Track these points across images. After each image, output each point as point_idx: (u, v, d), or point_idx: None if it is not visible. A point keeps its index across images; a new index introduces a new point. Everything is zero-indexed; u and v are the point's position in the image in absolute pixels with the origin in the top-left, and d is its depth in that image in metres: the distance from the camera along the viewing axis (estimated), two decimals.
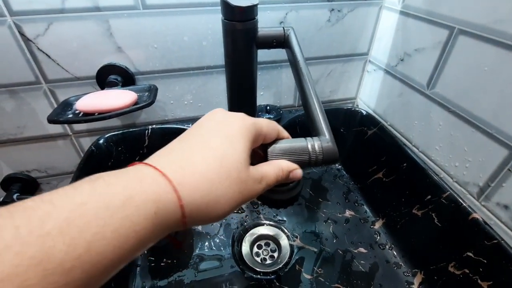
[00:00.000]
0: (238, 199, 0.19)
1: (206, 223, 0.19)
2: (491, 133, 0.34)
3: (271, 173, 0.22)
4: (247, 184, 0.20)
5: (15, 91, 0.42)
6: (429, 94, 0.42)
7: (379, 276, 0.42)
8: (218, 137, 0.20)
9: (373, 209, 0.50)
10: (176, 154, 0.19)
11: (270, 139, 0.24)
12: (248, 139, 0.20)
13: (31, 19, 0.37)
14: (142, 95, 0.40)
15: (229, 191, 0.18)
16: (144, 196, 0.15)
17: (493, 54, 0.32)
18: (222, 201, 0.18)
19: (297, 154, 0.24)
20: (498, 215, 0.35)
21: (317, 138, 0.24)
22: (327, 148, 0.23)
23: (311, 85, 0.29)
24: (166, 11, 0.40)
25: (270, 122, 0.24)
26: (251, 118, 0.22)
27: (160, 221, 0.16)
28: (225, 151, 0.19)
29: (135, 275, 0.41)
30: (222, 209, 0.18)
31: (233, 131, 0.20)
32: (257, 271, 0.42)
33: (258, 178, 0.20)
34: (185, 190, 0.17)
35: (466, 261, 0.35)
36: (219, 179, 0.18)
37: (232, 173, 0.19)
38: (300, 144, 0.24)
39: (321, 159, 0.24)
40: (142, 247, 0.15)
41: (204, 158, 0.19)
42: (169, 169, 0.17)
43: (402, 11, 0.45)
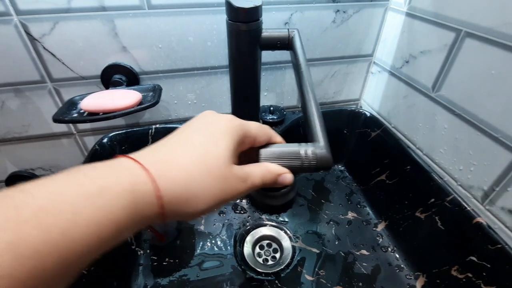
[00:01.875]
0: (219, 195, 0.19)
1: (187, 219, 0.19)
2: (497, 137, 0.34)
3: (256, 173, 0.22)
4: (230, 182, 0.20)
5: (20, 89, 0.42)
6: (434, 96, 0.42)
7: (381, 278, 0.41)
8: (202, 135, 0.20)
9: (376, 211, 0.50)
10: (159, 150, 0.19)
11: (260, 143, 0.24)
12: (233, 139, 0.21)
13: (37, 18, 0.37)
14: (147, 95, 0.40)
15: (210, 187, 0.19)
16: (121, 187, 0.16)
17: (500, 58, 0.32)
18: (201, 196, 0.18)
19: (289, 159, 0.24)
20: (502, 219, 0.35)
21: (312, 144, 0.24)
22: (321, 155, 0.23)
23: (311, 89, 0.29)
24: (171, 11, 0.40)
25: (260, 126, 0.24)
26: (239, 120, 0.23)
27: (137, 211, 0.16)
28: (208, 148, 0.19)
29: (137, 274, 0.41)
30: (202, 204, 0.19)
31: (218, 130, 0.21)
32: (258, 271, 0.42)
33: (242, 177, 0.21)
34: (164, 182, 0.17)
35: (469, 265, 0.35)
36: (200, 174, 0.18)
37: (213, 169, 0.19)
38: (293, 149, 0.24)
39: (314, 165, 0.23)
40: (119, 235, 0.16)
41: (186, 154, 0.19)
42: (149, 162, 0.18)
43: (408, 12, 0.44)
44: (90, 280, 0.33)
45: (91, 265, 0.34)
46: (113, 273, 0.38)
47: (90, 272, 0.34)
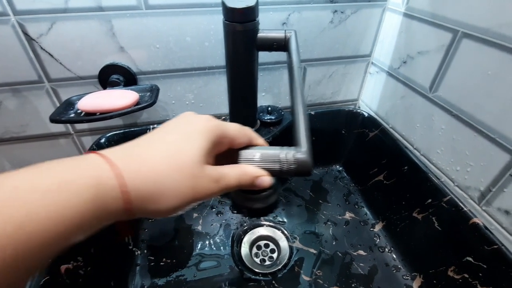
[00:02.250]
0: (189, 194, 0.19)
1: (157, 216, 0.19)
2: (494, 138, 0.34)
3: (232, 174, 0.22)
4: (201, 181, 0.20)
5: (18, 89, 0.42)
6: (432, 97, 0.42)
7: (378, 279, 0.41)
8: (177, 134, 0.20)
9: (373, 211, 0.50)
10: (131, 147, 0.19)
11: (240, 144, 0.24)
12: (208, 138, 0.21)
13: (34, 18, 0.37)
14: (144, 95, 0.40)
15: (179, 184, 0.19)
16: (83, 181, 0.16)
17: (497, 58, 0.32)
18: (170, 193, 0.18)
19: (268, 162, 0.23)
20: (499, 220, 0.35)
21: (294, 148, 0.24)
22: (301, 160, 0.23)
23: (300, 93, 0.29)
24: (169, 12, 0.40)
25: (240, 128, 0.24)
26: (217, 121, 0.23)
27: (102, 206, 0.16)
28: (180, 146, 0.19)
29: (134, 274, 0.41)
30: (171, 202, 0.19)
31: (193, 129, 0.21)
32: (256, 272, 0.42)
33: (216, 177, 0.20)
34: (131, 178, 0.17)
35: (466, 265, 0.35)
36: (169, 171, 0.18)
37: (184, 167, 0.19)
38: (273, 152, 0.24)
39: (293, 169, 0.23)
40: (82, 230, 0.16)
41: (156, 151, 0.19)
42: (117, 158, 0.18)
43: (406, 13, 0.44)
44: (87, 280, 0.33)
45: (88, 265, 0.34)
46: (110, 273, 0.38)
47: (87, 272, 0.34)
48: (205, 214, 0.50)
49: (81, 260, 0.34)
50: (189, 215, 0.49)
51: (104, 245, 0.38)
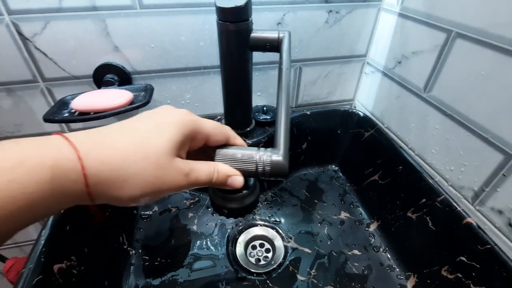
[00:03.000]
0: (153, 183, 0.19)
1: (118, 203, 0.19)
2: (487, 137, 0.34)
3: (202, 170, 0.22)
4: (168, 173, 0.19)
5: (12, 89, 0.42)
6: (426, 97, 0.42)
7: (373, 278, 0.41)
8: (148, 124, 0.20)
9: (368, 211, 0.50)
10: (98, 131, 0.19)
11: (216, 142, 0.24)
12: (180, 132, 0.21)
13: (28, 18, 0.37)
14: (138, 95, 0.40)
15: (143, 173, 0.18)
16: (39, 161, 0.16)
17: (490, 58, 0.32)
18: (133, 180, 0.18)
19: (243, 162, 0.23)
20: (492, 220, 0.35)
21: (271, 149, 0.24)
22: (276, 162, 0.23)
23: (285, 95, 0.28)
24: (163, 11, 0.40)
25: (218, 126, 0.24)
26: (193, 116, 0.23)
27: (59, 187, 0.16)
28: (150, 135, 0.19)
29: (128, 274, 0.41)
30: (132, 189, 0.18)
31: (166, 121, 0.21)
32: (250, 271, 0.42)
33: (185, 170, 0.20)
34: (92, 161, 0.17)
35: (459, 265, 0.35)
36: (134, 158, 0.18)
37: (150, 157, 0.19)
38: (248, 152, 0.24)
39: (268, 171, 0.23)
40: (38, 211, 0.16)
41: (124, 138, 0.19)
42: (80, 141, 0.17)
43: (401, 13, 0.44)
44: (80, 280, 0.33)
45: (82, 265, 0.34)
46: (104, 273, 0.38)
47: (81, 271, 0.34)
48: (200, 214, 0.50)
49: (74, 260, 0.34)
50: (184, 215, 0.49)
51: (98, 245, 0.38)
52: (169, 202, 0.51)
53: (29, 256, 0.30)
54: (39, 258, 0.30)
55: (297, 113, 0.53)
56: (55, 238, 0.32)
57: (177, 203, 0.51)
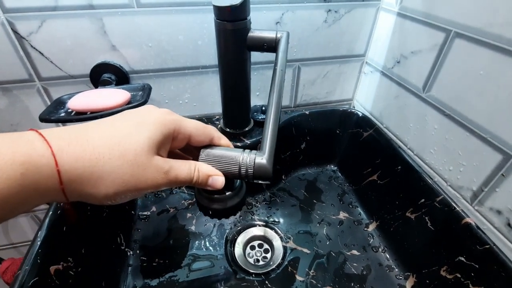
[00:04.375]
0: (129, 182, 0.19)
1: (94, 201, 0.19)
2: (486, 137, 0.34)
3: (183, 169, 0.21)
4: (146, 171, 0.19)
5: (8, 88, 0.42)
6: (425, 97, 0.42)
7: (372, 279, 0.41)
8: (128, 122, 0.20)
9: (367, 211, 0.50)
10: (75, 128, 0.19)
11: (199, 142, 0.24)
12: (160, 130, 0.20)
13: (24, 16, 0.37)
14: (136, 94, 0.40)
15: (119, 170, 0.18)
16: (10, 157, 0.15)
17: (489, 58, 0.32)
18: (108, 178, 0.18)
19: (226, 163, 0.23)
20: (491, 220, 0.35)
21: (256, 152, 0.24)
22: (259, 164, 0.23)
23: (276, 97, 0.28)
24: (161, 10, 0.40)
25: (201, 126, 0.24)
26: (175, 116, 0.22)
27: (31, 184, 0.16)
28: (128, 133, 0.19)
29: (126, 275, 0.41)
30: (107, 187, 0.18)
31: (145, 120, 0.21)
32: (249, 272, 0.42)
33: (164, 168, 0.20)
34: (66, 157, 0.17)
35: (458, 265, 0.35)
36: (110, 156, 0.18)
37: (127, 154, 0.18)
38: (232, 154, 0.23)
39: (251, 174, 0.23)
40: (7, 208, 0.16)
41: (101, 135, 0.19)
42: (55, 137, 0.17)
43: (400, 12, 0.44)
44: (77, 281, 0.33)
45: (79, 266, 0.34)
46: (101, 274, 0.38)
47: (78, 273, 0.33)
48: (198, 214, 0.50)
49: (71, 261, 0.33)
50: (182, 215, 0.49)
51: (96, 245, 0.38)
52: (167, 202, 0.51)
53: (25, 257, 0.29)
54: (35, 259, 0.29)
55: (296, 113, 0.53)
56: (52, 239, 0.32)
57: (175, 204, 0.51)
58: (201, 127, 0.24)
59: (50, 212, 0.33)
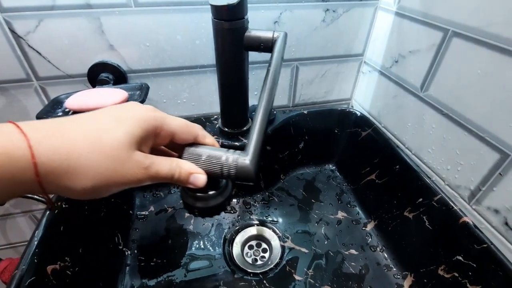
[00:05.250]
0: (108, 176, 0.19)
1: (71, 194, 0.19)
2: (483, 136, 0.34)
3: (164, 165, 0.21)
4: (126, 166, 0.19)
5: (5, 88, 0.42)
6: (423, 96, 0.42)
7: (370, 278, 0.41)
8: (109, 117, 0.20)
9: (365, 210, 0.50)
10: (54, 121, 0.19)
11: (183, 140, 0.24)
12: (141, 126, 0.20)
13: (21, 15, 0.37)
14: (133, 94, 0.40)
15: (98, 165, 0.18)
16: None
17: (487, 57, 0.32)
18: (86, 172, 0.18)
19: (209, 162, 0.23)
20: (488, 219, 0.35)
21: (240, 152, 0.24)
22: (242, 165, 0.22)
23: (266, 98, 0.28)
24: (158, 9, 0.40)
25: (185, 124, 0.24)
26: (158, 113, 0.22)
27: (7, 175, 0.16)
28: (108, 128, 0.19)
29: (124, 275, 0.40)
30: (85, 180, 0.18)
31: (128, 115, 0.20)
32: (247, 271, 0.42)
33: (144, 164, 0.20)
34: (43, 150, 0.17)
35: (455, 264, 0.35)
36: (89, 150, 0.18)
37: (107, 149, 0.18)
38: (215, 153, 0.23)
39: (233, 174, 0.23)
40: None
41: (80, 128, 0.19)
42: (32, 129, 0.17)
43: (398, 12, 0.44)
44: (74, 281, 0.33)
45: (76, 266, 0.34)
46: (99, 274, 0.38)
47: (75, 272, 0.33)
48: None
49: (68, 261, 0.33)
50: (180, 215, 0.49)
51: (93, 245, 0.38)
52: (166, 202, 0.51)
53: (22, 256, 0.29)
54: (32, 259, 0.29)
55: (294, 112, 0.53)
56: (49, 239, 0.32)
57: (173, 203, 0.51)
58: (185, 125, 0.24)
59: (48, 212, 0.33)
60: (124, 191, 0.21)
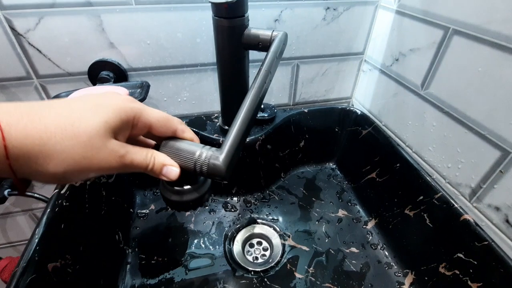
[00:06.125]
0: (79, 162, 0.19)
1: (43, 179, 0.19)
2: (484, 134, 0.34)
3: (139, 154, 0.22)
4: (100, 153, 0.19)
5: (5, 86, 0.41)
6: (423, 94, 0.42)
7: (370, 276, 0.41)
8: (85, 104, 0.20)
9: (366, 209, 0.50)
10: (29, 105, 0.19)
11: (160, 133, 0.24)
12: (117, 115, 0.20)
13: (21, 13, 0.37)
14: (134, 92, 0.40)
15: (70, 150, 0.18)
16: None
17: (487, 55, 0.32)
18: (58, 157, 0.18)
19: (184, 157, 0.23)
20: (489, 216, 0.35)
21: (216, 149, 0.24)
22: (213, 163, 0.23)
23: (253, 97, 0.28)
24: (159, 7, 0.40)
25: (164, 118, 0.24)
26: (137, 104, 0.22)
27: None
28: (83, 115, 0.19)
29: (124, 273, 0.40)
30: (56, 166, 0.18)
31: (104, 103, 0.21)
32: (248, 269, 0.42)
33: (119, 152, 0.20)
34: (15, 133, 0.17)
35: (456, 262, 0.35)
36: (62, 136, 0.18)
37: (81, 135, 0.19)
38: (190, 148, 0.24)
39: (205, 170, 0.23)
40: None
41: (55, 114, 0.19)
42: (4, 111, 0.17)
43: (398, 10, 0.44)
44: (75, 279, 0.33)
45: (77, 264, 0.33)
46: (99, 272, 0.37)
47: (76, 270, 0.33)
48: (197, 212, 0.50)
49: (69, 258, 0.33)
50: (181, 213, 0.49)
51: (94, 243, 0.38)
52: None
53: (23, 254, 0.29)
54: (33, 257, 0.29)
55: (294, 111, 0.53)
56: (50, 236, 0.32)
57: None
58: (163, 118, 0.24)
59: (48, 210, 0.33)
60: (125, 189, 0.21)
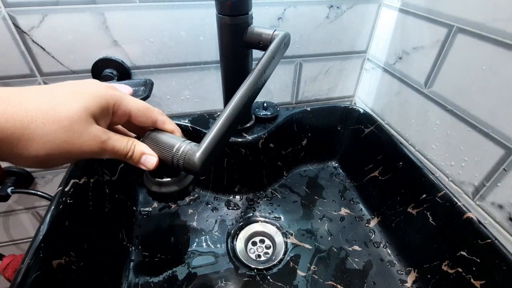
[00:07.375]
0: (60, 146, 0.19)
1: (22, 163, 0.19)
2: (488, 132, 0.34)
3: (120, 141, 0.22)
4: (81, 138, 0.20)
5: (9, 83, 0.41)
6: (427, 93, 0.42)
7: (373, 274, 0.42)
8: (67, 90, 0.21)
9: (369, 207, 0.50)
10: (10, 90, 0.19)
11: (140, 122, 0.24)
12: (97, 102, 0.21)
13: (25, 10, 0.37)
14: (138, 90, 0.40)
15: (51, 134, 0.19)
16: None
17: (491, 53, 0.32)
18: (39, 140, 0.18)
19: (163, 149, 0.24)
20: (492, 214, 0.35)
21: (195, 144, 0.24)
22: (189, 158, 0.23)
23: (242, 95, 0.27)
24: (163, 5, 0.40)
25: (144, 108, 0.24)
26: (117, 91, 0.23)
27: None
28: (64, 101, 0.20)
29: (128, 270, 0.41)
30: (37, 149, 0.19)
31: (85, 90, 0.21)
32: (251, 267, 0.42)
33: (101, 138, 0.21)
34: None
35: (459, 260, 0.35)
36: (43, 120, 0.18)
37: (62, 120, 0.19)
38: (170, 140, 0.24)
39: (181, 164, 0.23)
40: None
41: (36, 99, 0.19)
42: None
43: (402, 8, 0.44)
44: (79, 276, 0.33)
45: (81, 261, 0.34)
46: (103, 269, 0.38)
47: (80, 267, 0.33)
48: (200, 210, 0.50)
49: (73, 256, 0.33)
50: (184, 211, 0.49)
51: (98, 241, 0.38)
52: None
53: (27, 251, 0.29)
54: (38, 254, 0.29)
55: (297, 109, 0.53)
56: (54, 234, 0.32)
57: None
58: (143, 108, 0.24)
59: (52, 207, 0.33)
60: (128, 187, 0.21)
